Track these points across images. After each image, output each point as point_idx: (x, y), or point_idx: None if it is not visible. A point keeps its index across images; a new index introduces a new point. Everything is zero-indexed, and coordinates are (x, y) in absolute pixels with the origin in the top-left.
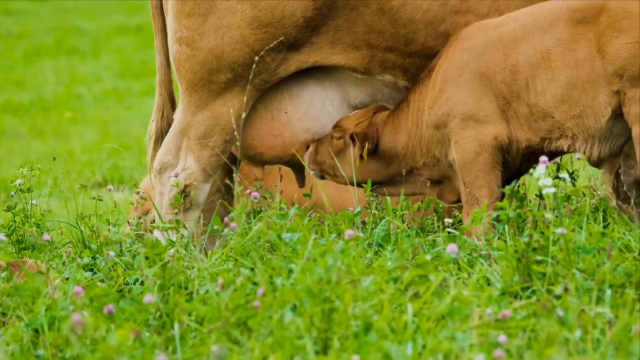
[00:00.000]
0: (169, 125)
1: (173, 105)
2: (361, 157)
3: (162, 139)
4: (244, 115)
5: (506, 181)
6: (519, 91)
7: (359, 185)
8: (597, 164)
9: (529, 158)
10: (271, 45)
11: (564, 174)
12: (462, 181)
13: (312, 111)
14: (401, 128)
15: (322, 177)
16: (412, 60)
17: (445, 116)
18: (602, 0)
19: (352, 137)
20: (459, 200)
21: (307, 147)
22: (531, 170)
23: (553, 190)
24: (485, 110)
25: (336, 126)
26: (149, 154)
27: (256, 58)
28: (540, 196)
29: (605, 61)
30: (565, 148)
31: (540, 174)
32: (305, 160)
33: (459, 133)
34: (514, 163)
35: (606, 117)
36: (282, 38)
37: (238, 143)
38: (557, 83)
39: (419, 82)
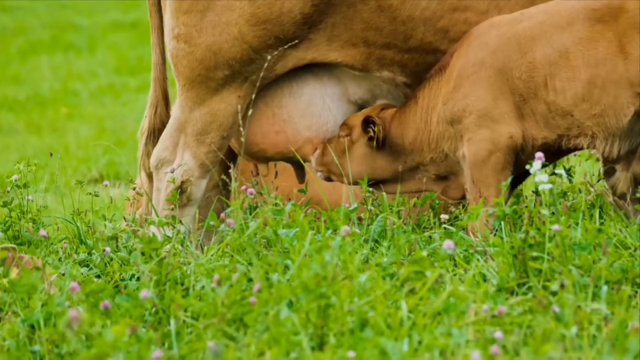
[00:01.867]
0: (162, 122)
1: (167, 102)
2: (374, 144)
3: (155, 135)
4: (250, 112)
5: (519, 178)
6: (537, 88)
7: (369, 184)
8: (615, 161)
9: (545, 155)
10: (284, 47)
11: (560, 170)
12: (470, 179)
13: (314, 108)
14: (409, 124)
15: (329, 179)
16: (410, 57)
17: (461, 112)
18: (621, 0)
19: (365, 120)
20: (463, 197)
21: (315, 149)
22: (527, 167)
23: (549, 186)
24: (501, 108)
25: (343, 124)
26: (140, 150)
27: (268, 57)
28: (537, 192)
29: (628, 62)
30: (584, 146)
31: (536, 170)
32: (313, 162)
33: (473, 130)
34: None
35: (628, 116)
36: (295, 42)
37: (243, 139)
38: (578, 82)
39: (428, 79)
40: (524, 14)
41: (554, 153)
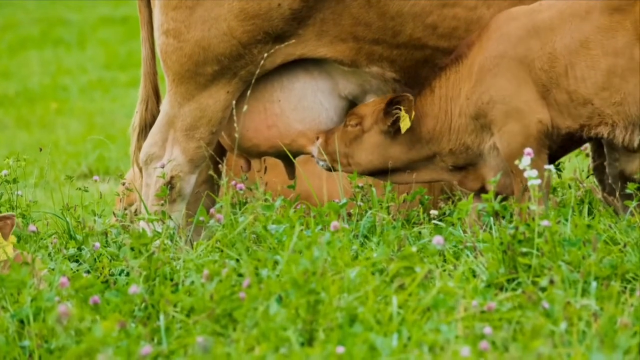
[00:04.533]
0: (153, 117)
1: (157, 97)
2: (397, 131)
3: (146, 130)
4: (245, 108)
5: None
6: (558, 78)
7: (373, 173)
8: (635, 150)
9: (565, 144)
10: (282, 45)
11: (549, 166)
12: (509, 171)
13: (305, 102)
14: (427, 113)
15: (331, 169)
16: (399, 52)
17: (485, 105)
18: None
19: (390, 102)
20: (482, 189)
21: (313, 140)
22: (516, 162)
23: (538, 182)
24: (526, 96)
25: (352, 114)
26: (132, 145)
27: (260, 54)
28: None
29: None
30: (605, 135)
31: (526, 166)
32: (315, 153)
33: (501, 122)
34: (550, 150)
35: None
36: (284, 39)
37: (237, 134)
38: (597, 71)
39: (444, 69)
40: (542, 5)
41: (576, 141)
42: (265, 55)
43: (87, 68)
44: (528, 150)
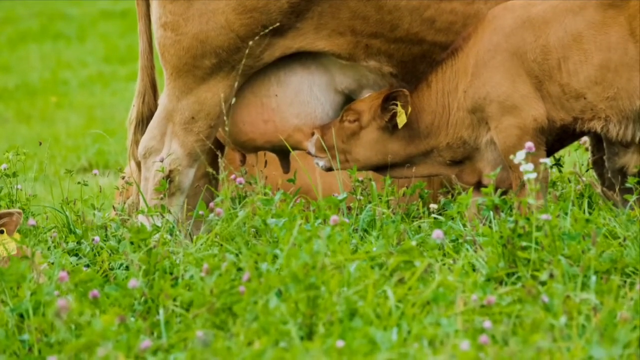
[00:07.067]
0: (150, 111)
1: (154, 91)
2: (394, 126)
3: (143, 124)
4: (233, 100)
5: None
6: (551, 71)
7: (372, 169)
8: (629, 145)
9: (562, 138)
10: (262, 32)
11: (547, 159)
12: (508, 166)
13: (302, 96)
14: (424, 108)
15: (330, 169)
16: (397, 46)
17: (482, 100)
18: None
19: (387, 98)
20: (479, 182)
21: (309, 135)
22: (511, 157)
23: (534, 175)
24: (521, 91)
25: (348, 109)
26: (129, 139)
27: (251, 44)
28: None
29: (638, 45)
30: (598, 129)
31: (522, 160)
32: (311, 149)
33: (498, 119)
34: (547, 143)
35: None
36: (280, 30)
37: (227, 128)
38: (590, 65)
39: (440, 63)
40: None
41: (572, 135)
42: (253, 43)
43: (87, 62)
44: (529, 144)
